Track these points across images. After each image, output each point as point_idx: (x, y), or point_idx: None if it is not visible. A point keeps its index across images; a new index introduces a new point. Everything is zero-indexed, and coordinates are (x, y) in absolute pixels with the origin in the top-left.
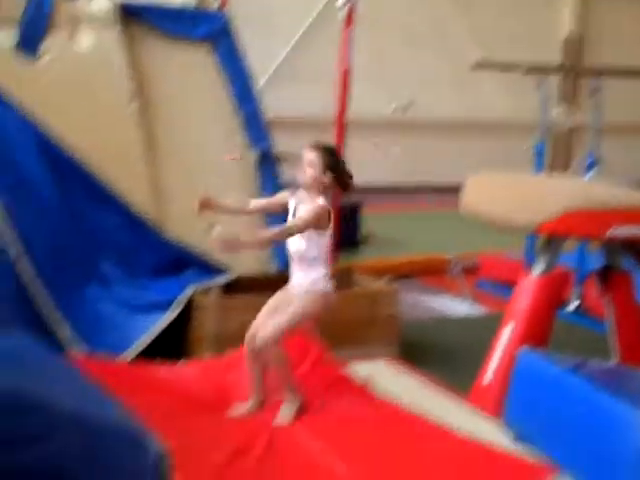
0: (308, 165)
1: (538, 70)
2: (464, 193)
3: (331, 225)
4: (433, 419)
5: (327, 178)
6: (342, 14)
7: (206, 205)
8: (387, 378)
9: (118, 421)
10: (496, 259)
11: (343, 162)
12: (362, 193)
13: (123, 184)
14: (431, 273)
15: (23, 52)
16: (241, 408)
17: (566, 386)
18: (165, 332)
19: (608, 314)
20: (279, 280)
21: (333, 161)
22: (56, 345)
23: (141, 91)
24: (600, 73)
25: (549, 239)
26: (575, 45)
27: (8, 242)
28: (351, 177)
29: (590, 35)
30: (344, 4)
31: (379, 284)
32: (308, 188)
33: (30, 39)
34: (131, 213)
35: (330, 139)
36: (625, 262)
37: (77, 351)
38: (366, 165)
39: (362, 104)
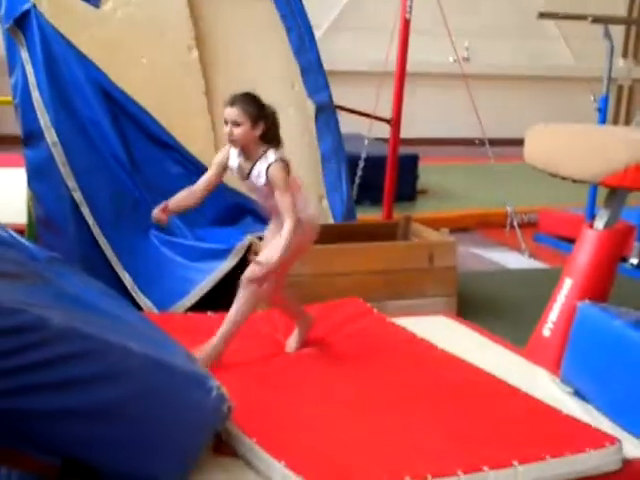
0: (233, 124)
1: (604, 21)
2: (526, 144)
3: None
4: (492, 373)
5: (260, 129)
6: None
7: (160, 217)
8: (445, 332)
9: (183, 363)
10: (555, 213)
11: (268, 107)
12: (420, 145)
13: (182, 133)
14: (489, 226)
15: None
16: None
17: (626, 340)
18: (224, 280)
19: None
20: (337, 230)
21: (259, 109)
22: (122, 291)
23: (201, 39)
24: None
25: (613, 192)
26: None
27: (71, 187)
28: (278, 127)
29: None
30: None
31: (437, 236)
32: (244, 147)
33: None
34: (190, 162)
35: (389, 90)
36: None
37: (137, 297)
38: (424, 117)
39: (421, 55)
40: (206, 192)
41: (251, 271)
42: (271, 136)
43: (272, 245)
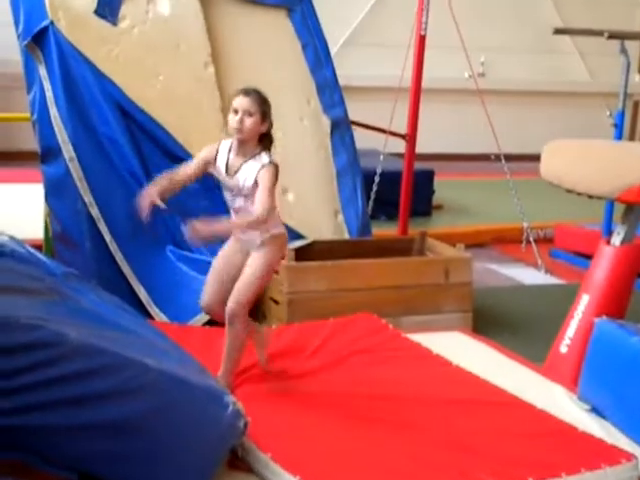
0: (244, 114)
1: (620, 36)
2: (543, 160)
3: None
4: (508, 390)
5: (265, 127)
6: None
7: (146, 206)
8: (460, 348)
9: (199, 378)
10: (572, 229)
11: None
12: (435, 160)
13: (199, 149)
14: (505, 242)
15: (103, 16)
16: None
17: None
18: None
19: None
20: (352, 245)
21: (268, 107)
22: (137, 306)
23: (217, 56)
24: None
25: (629, 208)
26: None
27: (88, 203)
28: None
29: None
30: None
31: (453, 251)
32: (245, 141)
33: (109, 3)
34: (207, 178)
35: (404, 106)
36: None
37: (152, 312)
38: (440, 132)
39: (437, 71)
40: (183, 185)
41: (202, 224)
42: (268, 139)
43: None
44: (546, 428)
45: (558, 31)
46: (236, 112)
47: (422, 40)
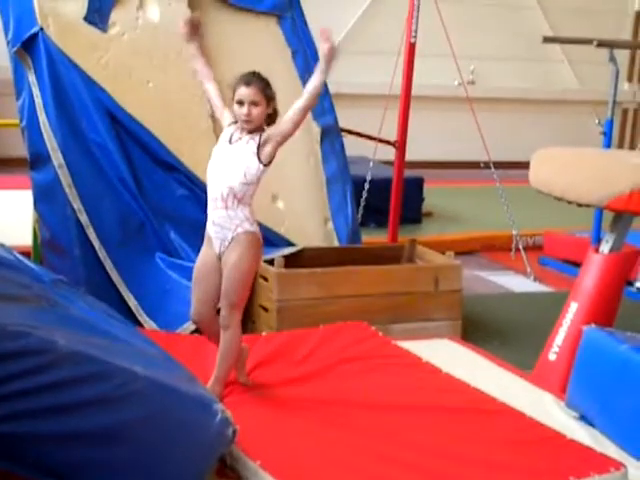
0: (250, 105)
1: (609, 45)
2: (532, 168)
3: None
4: (497, 397)
5: (270, 109)
6: None
7: (194, 29)
8: (450, 355)
9: (188, 386)
10: (561, 237)
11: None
12: (425, 167)
13: (188, 156)
14: (495, 249)
15: (93, 22)
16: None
17: (632, 365)
18: None
19: None
20: (342, 253)
21: (271, 89)
22: (126, 313)
23: (207, 63)
24: None
25: (618, 216)
26: None
27: (77, 209)
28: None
29: None
30: None
31: (442, 259)
32: (253, 128)
33: (99, 10)
34: (196, 185)
35: (393, 113)
36: None
37: (142, 320)
38: (430, 140)
39: (427, 78)
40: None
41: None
42: (273, 117)
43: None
44: (535, 436)
45: (547, 39)
46: (241, 103)
47: (412, 48)
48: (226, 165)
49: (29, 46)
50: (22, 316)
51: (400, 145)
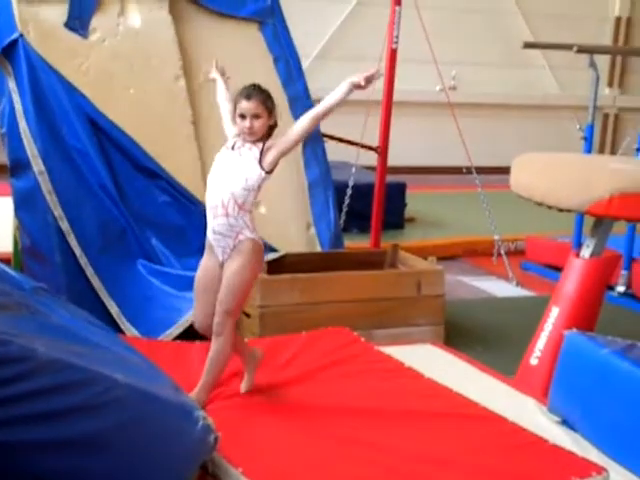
0: (252, 118)
1: (589, 50)
2: (512, 173)
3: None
4: (479, 402)
5: (272, 120)
6: None
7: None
8: (432, 360)
9: (169, 393)
10: (542, 241)
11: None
12: (408, 173)
13: (170, 162)
14: (477, 254)
15: (73, 29)
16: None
17: (613, 368)
18: None
19: None
20: (324, 258)
21: (272, 101)
22: (108, 320)
23: (188, 69)
24: None
25: (598, 221)
26: (624, 26)
27: (58, 216)
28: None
29: (639, 16)
30: None
31: (425, 264)
32: (255, 140)
33: (80, 16)
34: (178, 191)
35: (375, 119)
36: None
37: (123, 327)
38: (412, 145)
39: (409, 84)
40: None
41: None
42: (273, 128)
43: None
44: (517, 441)
45: (528, 45)
46: (244, 117)
47: (393, 53)
48: (227, 171)
49: (9, 52)
50: (2, 324)
51: (382, 150)
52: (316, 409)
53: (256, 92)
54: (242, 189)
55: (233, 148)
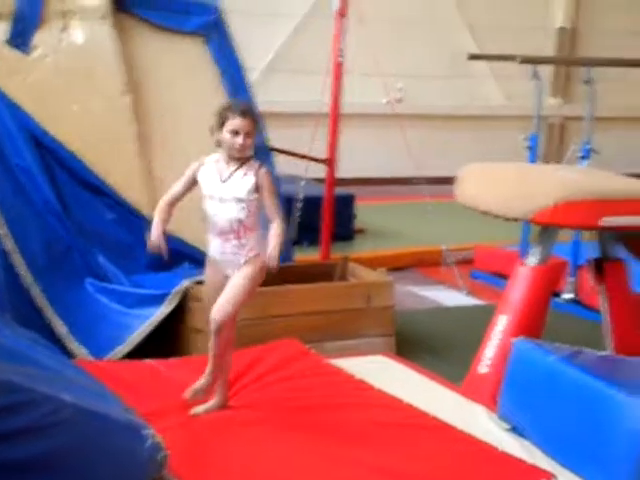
0: (246, 135)
1: (532, 61)
2: (459, 183)
3: None
4: (429, 412)
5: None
6: (335, 6)
7: (161, 247)
8: (383, 371)
9: (117, 412)
10: (491, 250)
11: None
12: (357, 184)
13: (116, 178)
14: (427, 264)
15: (15, 45)
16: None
17: (560, 375)
18: (161, 326)
19: (602, 304)
20: (275, 273)
21: (260, 122)
22: (53, 339)
23: (134, 85)
24: (593, 64)
25: (543, 229)
26: (567, 37)
27: (2, 234)
28: None
29: (582, 27)
30: None
31: (374, 275)
32: (240, 157)
33: (22, 33)
34: (125, 208)
35: (324, 131)
36: (619, 252)
37: (72, 346)
38: (360, 157)
39: (356, 96)
40: (173, 207)
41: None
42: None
43: (268, 244)
44: (467, 449)
45: (473, 57)
46: (236, 133)
47: (339, 66)
48: (228, 200)
49: None
50: None
51: (330, 162)
52: (265, 423)
53: (250, 110)
54: (247, 216)
55: (224, 180)
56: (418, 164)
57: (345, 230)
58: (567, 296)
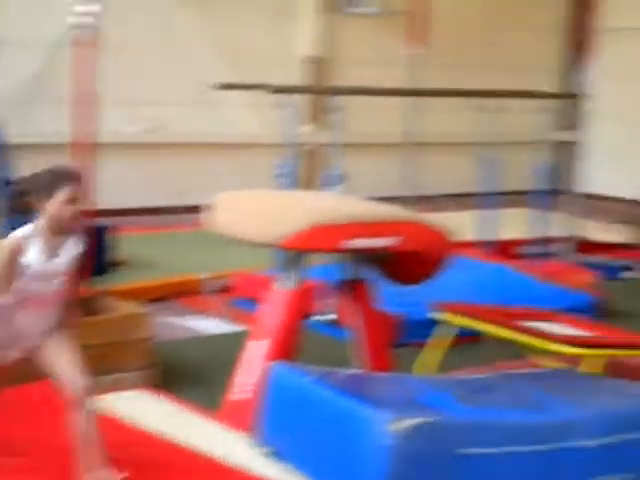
0: (72, 202)
1: (284, 90)
2: (213, 211)
3: None
4: (188, 444)
5: None
6: (74, 34)
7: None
8: (141, 406)
9: None
10: (248, 277)
11: None
12: (115, 215)
13: None
14: (186, 294)
15: None
16: None
17: (314, 396)
18: None
19: (354, 323)
20: None
21: None
22: None
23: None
24: (340, 92)
25: (294, 254)
26: (315, 65)
27: None
28: None
29: (330, 55)
30: (78, 26)
31: (130, 308)
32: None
33: None
34: None
35: (75, 162)
36: (363, 273)
37: None
38: (118, 187)
39: (111, 126)
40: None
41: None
42: None
43: None
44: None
45: (224, 86)
46: (74, 201)
47: (87, 96)
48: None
49: None
50: None
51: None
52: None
53: (75, 174)
54: None
55: (51, 256)
56: (177, 192)
57: (101, 263)
58: (324, 317)
